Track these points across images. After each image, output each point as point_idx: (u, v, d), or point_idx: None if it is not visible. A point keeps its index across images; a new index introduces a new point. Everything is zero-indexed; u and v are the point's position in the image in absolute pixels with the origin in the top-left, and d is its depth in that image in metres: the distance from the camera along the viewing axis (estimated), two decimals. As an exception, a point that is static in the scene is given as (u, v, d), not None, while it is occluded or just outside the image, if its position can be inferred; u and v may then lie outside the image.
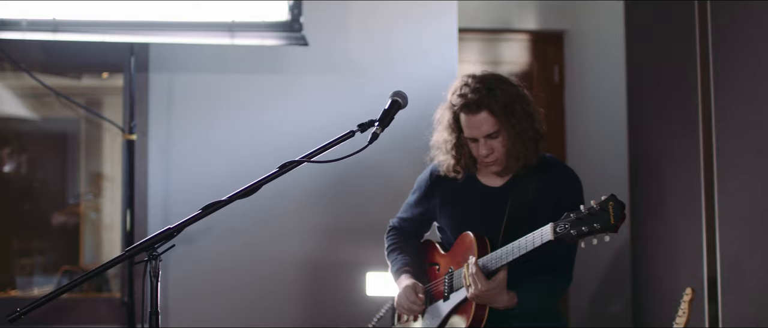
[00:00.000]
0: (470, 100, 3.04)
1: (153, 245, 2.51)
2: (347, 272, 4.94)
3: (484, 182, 3.20)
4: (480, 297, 2.91)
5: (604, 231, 2.63)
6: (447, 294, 3.13)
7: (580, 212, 2.68)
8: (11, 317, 2.48)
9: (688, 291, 3.37)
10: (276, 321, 4.95)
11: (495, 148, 3.07)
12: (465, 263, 3.03)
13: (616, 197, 2.64)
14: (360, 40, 5.10)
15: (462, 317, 3.05)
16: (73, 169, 7.19)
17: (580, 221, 2.67)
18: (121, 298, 4.85)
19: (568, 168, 3.21)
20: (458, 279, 3.08)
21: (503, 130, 3.05)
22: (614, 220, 2.60)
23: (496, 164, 3.11)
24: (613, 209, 2.61)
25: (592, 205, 2.67)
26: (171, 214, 4.95)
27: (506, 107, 3.04)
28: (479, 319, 3.00)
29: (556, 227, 2.73)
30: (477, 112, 3.04)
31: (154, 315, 2.51)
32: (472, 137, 3.09)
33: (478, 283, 2.87)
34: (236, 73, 5.08)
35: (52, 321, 4.92)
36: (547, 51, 6.16)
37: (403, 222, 3.47)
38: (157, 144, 5.01)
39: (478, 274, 2.87)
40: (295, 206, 4.99)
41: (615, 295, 5.65)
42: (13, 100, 6.16)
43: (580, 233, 2.66)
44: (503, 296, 2.91)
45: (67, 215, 6.90)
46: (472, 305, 3.00)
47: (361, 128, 2.74)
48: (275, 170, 2.64)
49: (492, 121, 3.04)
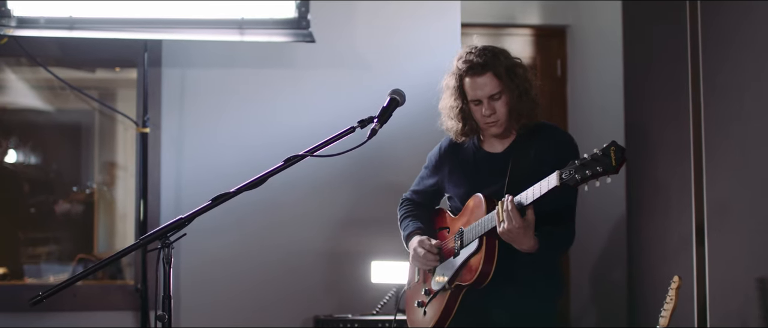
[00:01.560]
0: (476, 63, 3.24)
1: (165, 234, 2.63)
2: (353, 260, 5.05)
3: (488, 149, 3.40)
4: (511, 233, 3.03)
5: (606, 173, 2.79)
6: (458, 251, 3.29)
7: (584, 159, 2.85)
8: (34, 301, 2.62)
9: (676, 279, 3.48)
10: (283, 307, 5.07)
11: (497, 109, 3.26)
12: (474, 221, 3.21)
13: (616, 143, 2.80)
14: (366, 36, 5.21)
15: (470, 270, 3.21)
16: (87, 159, 7.30)
17: (583, 167, 2.83)
18: (135, 285, 4.94)
19: (564, 132, 3.43)
20: (468, 236, 3.24)
21: (505, 91, 3.24)
22: (616, 162, 2.77)
23: (498, 126, 3.30)
24: (615, 153, 2.78)
25: (595, 151, 2.83)
26: (183, 204, 5.05)
27: (508, 70, 3.26)
28: (486, 274, 3.16)
29: (562, 174, 2.89)
30: (482, 74, 3.24)
31: (166, 299, 2.63)
32: (476, 99, 3.27)
33: (513, 219, 3.01)
34: (245, 68, 5.18)
35: (69, 308, 5.01)
36: (550, 46, 6.24)
37: (415, 194, 3.66)
38: (170, 136, 5.11)
39: (514, 211, 3.01)
40: (302, 197, 5.10)
41: (614, 264, 5.79)
42: (28, 93, 6.24)
43: (584, 176, 2.82)
44: (530, 237, 3.06)
45: (71, 203, 7.02)
46: (481, 259, 3.16)
47: (360, 124, 2.92)
48: (280, 163, 2.77)
49: (495, 83, 3.23)
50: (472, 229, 3.24)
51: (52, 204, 7.01)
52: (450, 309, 3.31)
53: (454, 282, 3.28)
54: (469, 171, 3.40)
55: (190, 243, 4.56)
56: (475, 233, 3.21)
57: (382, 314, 4.70)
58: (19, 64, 5.79)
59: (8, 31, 4.58)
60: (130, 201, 6.55)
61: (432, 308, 3.39)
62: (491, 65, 3.23)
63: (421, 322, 3.45)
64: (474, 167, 3.39)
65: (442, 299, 3.34)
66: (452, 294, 3.30)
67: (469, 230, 3.26)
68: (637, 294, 4.92)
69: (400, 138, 4.83)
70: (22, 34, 4.64)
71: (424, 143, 3.75)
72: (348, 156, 2.94)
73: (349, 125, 2.93)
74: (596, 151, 2.83)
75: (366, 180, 5.13)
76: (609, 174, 2.80)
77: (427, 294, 3.44)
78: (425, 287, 3.45)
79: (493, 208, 3.15)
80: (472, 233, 3.23)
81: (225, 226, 4.98)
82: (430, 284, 3.43)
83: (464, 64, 3.28)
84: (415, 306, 3.49)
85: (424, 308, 3.44)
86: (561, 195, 2.98)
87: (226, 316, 5.07)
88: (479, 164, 3.39)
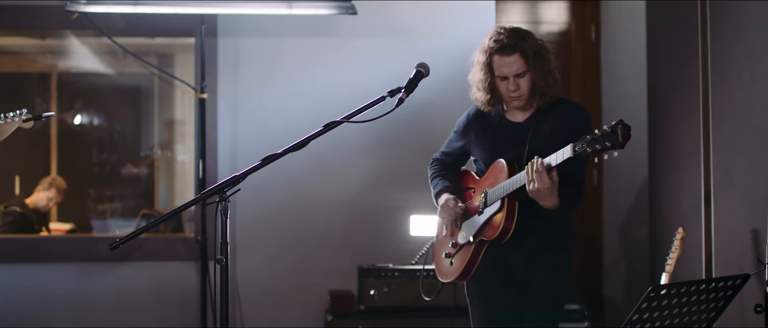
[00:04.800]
0: (506, 44, 3.55)
1: (223, 189, 2.90)
2: (393, 214, 5.33)
3: (510, 118, 3.72)
4: (539, 192, 3.34)
5: (613, 148, 3.11)
6: (482, 210, 3.63)
7: (595, 134, 3.17)
8: (112, 246, 2.94)
9: (680, 230, 3.77)
10: (328, 256, 5.37)
11: (521, 85, 3.57)
12: (496, 184, 3.54)
13: (623, 121, 3.11)
14: (404, 8, 5.44)
15: (493, 227, 3.56)
16: (148, 121, 7.62)
17: (594, 141, 3.16)
18: (195, 237, 5.19)
19: (579, 106, 3.74)
20: (492, 197, 3.58)
21: (530, 70, 3.56)
22: (622, 138, 3.09)
23: (520, 100, 3.62)
24: (622, 130, 3.09)
25: (604, 128, 3.15)
26: (238, 163, 5.32)
27: (535, 52, 3.57)
28: (507, 230, 3.51)
29: (575, 147, 3.23)
30: (511, 54, 3.54)
31: (224, 245, 2.89)
32: (503, 75, 3.58)
33: (543, 177, 3.33)
34: (293, 38, 5.43)
35: (136, 258, 5.30)
36: (585, 11, 6.32)
37: (444, 155, 3.99)
38: (225, 101, 5.36)
39: (544, 171, 3.33)
40: (347, 157, 5.37)
41: (639, 222, 5.96)
42: (91, 58, 6.56)
43: (594, 150, 3.15)
44: (554, 195, 3.38)
45: (138, 167, 7.38)
46: (502, 217, 3.50)
47: (390, 94, 3.25)
48: (320, 128, 3.06)
49: (522, 63, 3.55)
50: (496, 190, 3.57)
51: (119, 166, 7.36)
52: (474, 260, 3.67)
53: (478, 237, 3.63)
54: (493, 138, 3.73)
55: (244, 198, 4.88)
56: (499, 194, 3.54)
57: (420, 264, 4.88)
58: (84, 33, 6.03)
59: (79, 7, 4.82)
60: (188, 162, 6.88)
61: (458, 258, 3.74)
62: (520, 47, 3.54)
63: (448, 271, 3.81)
64: (497, 134, 3.72)
65: (467, 252, 3.69)
66: (476, 247, 3.65)
67: (492, 192, 3.59)
68: (658, 249, 5.12)
69: (435, 104, 5.10)
70: (92, 10, 4.88)
71: (456, 109, 4.03)
72: (387, 120, 3.20)
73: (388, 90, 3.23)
74: (606, 127, 3.14)
75: (404, 142, 5.37)
76: (615, 149, 3.11)
77: (453, 246, 3.78)
78: (452, 240, 3.79)
79: (515, 172, 3.49)
80: (496, 194, 3.56)
81: (276, 183, 5.24)
82: (456, 237, 3.77)
83: (495, 44, 3.57)
84: (443, 257, 3.84)
85: (451, 258, 3.78)
86: (575, 163, 3.31)
87: (276, 264, 5.37)
88: (502, 131, 3.71)
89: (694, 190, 4.47)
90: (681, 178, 4.71)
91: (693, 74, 4.46)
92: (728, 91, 4.14)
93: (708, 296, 3.04)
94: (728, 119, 4.14)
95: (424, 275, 4.22)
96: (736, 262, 3.96)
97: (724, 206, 4.16)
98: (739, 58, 4.03)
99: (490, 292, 3.73)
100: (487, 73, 3.63)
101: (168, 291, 5.33)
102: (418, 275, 4.86)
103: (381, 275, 5.01)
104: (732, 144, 4.11)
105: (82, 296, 5.29)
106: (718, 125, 4.22)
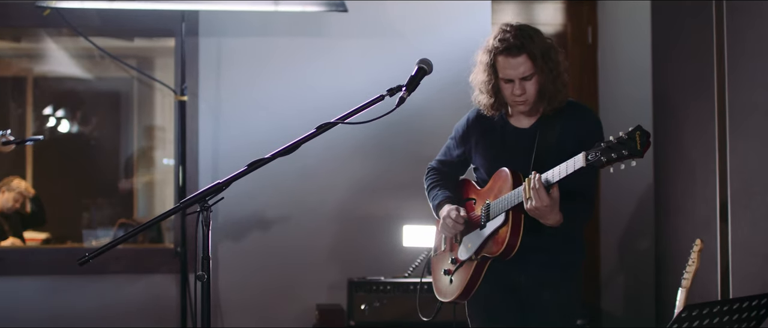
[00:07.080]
0: (512, 44, 3.29)
1: (204, 198, 2.72)
2: (384, 224, 5.17)
3: (515, 124, 3.46)
4: (538, 210, 3.11)
5: (631, 157, 2.85)
6: (484, 223, 3.38)
7: (610, 141, 2.90)
8: (81, 261, 2.73)
9: (698, 242, 3.56)
10: (317, 269, 5.21)
11: (527, 89, 3.32)
12: (499, 196, 3.30)
13: (642, 127, 2.86)
14: (396, 6, 5.29)
15: (497, 242, 3.31)
16: (127, 125, 7.43)
17: (609, 150, 2.89)
18: (175, 248, 5.06)
19: (589, 110, 3.50)
20: (495, 209, 3.33)
21: (538, 73, 3.31)
22: (640, 146, 2.83)
23: (526, 105, 3.37)
24: (640, 137, 2.83)
25: (620, 134, 2.88)
26: (220, 169, 5.17)
27: (543, 54, 3.31)
28: (512, 246, 3.26)
29: (588, 155, 2.95)
30: (517, 55, 3.29)
31: (205, 260, 2.71)
32: (508, 78, 3.33)
33: (540, 196, 3.09)
34: (280, 37, 5.28)
35: (113, 270, 5.12)
36: (581, 13, 6.22)
37: (441, 164, 3.73)
38: (207, 104, 5.21)
39: (541, 188, 3.09)
40: (336, 163, 5.21)
41: (642, 232, 5.84)
42: (68, 61, 6.33)
43: (610, 159, 2.88)
44: (555, 213, 3.14)
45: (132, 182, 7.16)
46: (507, 232, 3.25)
47: (389, 93, 3.00)
48: (313, 130, 2.86)
49: (529, 65, 3.29)
50: (499, 202, 3.31)
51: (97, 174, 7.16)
52: (476, 279, 3.41)
53: (480, 253, 3.38)
54: (496, 144, 3.48)
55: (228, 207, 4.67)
56: (502, 207, 3.29)
57: (413, 277, 4.81)
58: (60, 34, 5.88)
59: (51, 2, 4.67)
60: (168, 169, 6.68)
61: (458, 276, 3.49)
62: (527, 47, 3.28)
63: (447, 290, 3.55)
64: (501, 141, 3.47)
65: (469, 269, 3.43)
66: (479, 265, 3.40)
67: (495, 204, 3.34)
68: (665, 262, 4.97)
69: (432, 106, 4.93)
70: (64, 6, 4.73)
71: (453, 113, 3.84)
72: (379, 124, 3.01)
73: (379, 93, 3.00)
74: (622, 134, 2.88)
75: (397, 147, 5.23)
76: (634, 157, 2.85)
77: (453, 263, 3.53)
78: (452, 256, 3.55)
79: (520, 183, 3.23)
80: (499, 206, 3.31)
81: (261, 190, 5.09)
82: (456, 252, 3.52)
83: (500, 43, 3.31)
84: (442, 274, 3.59)
85: (451, 276, 3.53)
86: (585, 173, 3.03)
87: (260, 277, 5.21)
88: (506, 138, 3.46)
89: (708, 200, 4.27)
90: (693, 187, 4.51)
91: (707, 77, 4.27)
92: (747, 95, 3.94)
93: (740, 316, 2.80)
94: (747, 125, 3.95)
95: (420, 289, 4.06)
96: (757, 278, 3.76)
97: (743, 217, 3.95)
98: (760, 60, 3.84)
99: (493, 312, 3.51)
100: (490, 74, 3.38)
101: (146, 305, 5.17)
102: (412, 289, 4.77)
103: (372, 288, 4.85)
104: (752, 151, 3.90)
105: (53, 312, 5.11)
106: (736, 131, 4.02)
